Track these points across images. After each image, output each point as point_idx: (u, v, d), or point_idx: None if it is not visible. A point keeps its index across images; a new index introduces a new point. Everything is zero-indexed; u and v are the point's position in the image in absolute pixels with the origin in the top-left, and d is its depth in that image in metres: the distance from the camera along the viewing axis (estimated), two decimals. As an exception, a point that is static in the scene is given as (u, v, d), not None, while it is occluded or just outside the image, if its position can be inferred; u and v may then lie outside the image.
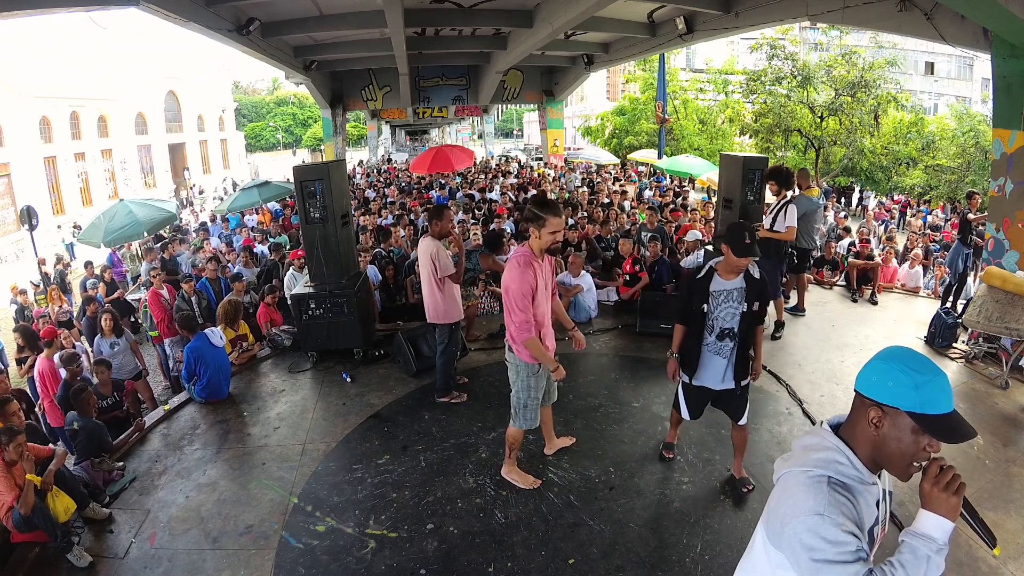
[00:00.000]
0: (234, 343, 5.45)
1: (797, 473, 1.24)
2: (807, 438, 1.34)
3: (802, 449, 1.31)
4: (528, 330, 3.03)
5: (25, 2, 5.89)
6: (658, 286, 6.39)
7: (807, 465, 1.24)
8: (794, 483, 1.23)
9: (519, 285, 2.97)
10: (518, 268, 2.99)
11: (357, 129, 42.20)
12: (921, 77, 29.85)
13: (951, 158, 17.48)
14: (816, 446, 1.28)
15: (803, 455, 1.28)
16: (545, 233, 2.98)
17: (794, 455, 1.32)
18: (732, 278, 3.02)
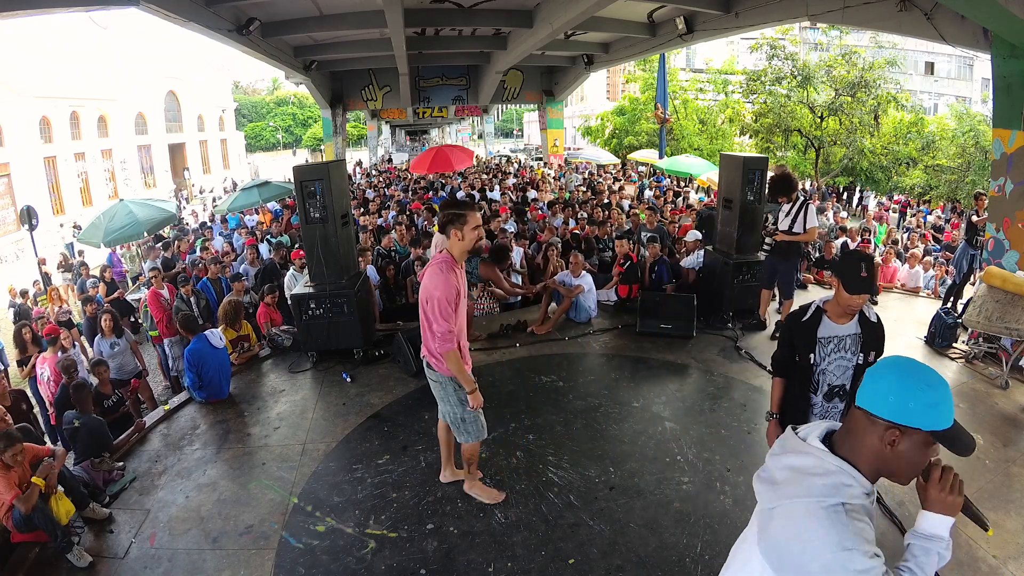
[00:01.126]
0: (235, 343, 5.45)
1: (806, 504, 1.14)
2: (795, 458, 1.22)
3: (795, 472, 1.20)
4: (450, 341, 2.80)
5: (25, 2, 5.89)
6: (658, 286, 6.39)
7: (814, 495, 1.14)
8: (805, 515, 1.13)
9: (444, 292, 2.76)
10: (441, 274, 2.79)
11: (357, 129, 42.19)
12: (921, 77, 29.84)
13: (951, 158, 17.47)
14: (815, 469, 1.18)
15: (801, 480, 1.18)
16: (468, 231, 2.82)
17: (786, 481, 1.20)
18: (845, 322, 2.42)
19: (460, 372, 2.89)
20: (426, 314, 2.84)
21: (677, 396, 4.60)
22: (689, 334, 5.59)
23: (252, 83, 69.83)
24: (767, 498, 1.23)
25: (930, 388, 1.14)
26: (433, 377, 3.01)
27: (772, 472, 1.25)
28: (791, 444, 1.27)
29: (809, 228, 5.13)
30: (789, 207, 5.20)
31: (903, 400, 1.14)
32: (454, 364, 2.86)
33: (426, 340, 2.92)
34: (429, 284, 2.83)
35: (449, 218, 2.85)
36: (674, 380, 4.88)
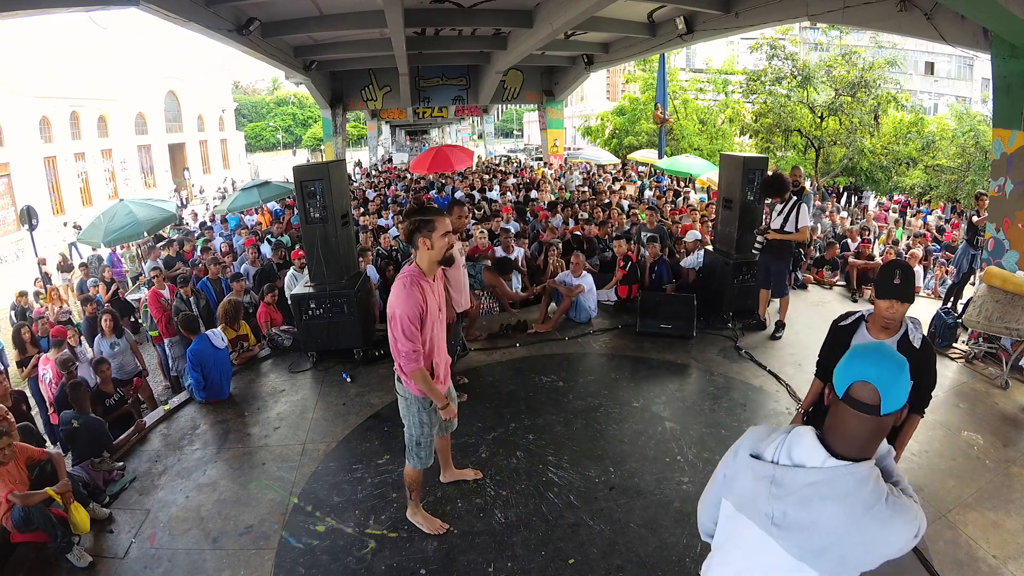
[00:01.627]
0: (235, 343, 5.46)
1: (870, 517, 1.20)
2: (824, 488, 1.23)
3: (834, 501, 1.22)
4: (415, 360, 2.65)
5: (25, 2, 5.89)
6: (658, 286, 6.39)
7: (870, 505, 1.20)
8: (874, 523, 1.20)
9: (405, 309, 2.59)
10: (404, 290, 2.62)
11: (357, 129, 42.20)
12: (921, 77, 29.84)
13: (951, 158, 17.47)
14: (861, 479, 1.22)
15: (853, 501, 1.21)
16: (436, 239, 2.63)
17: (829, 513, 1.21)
18: (883, 337, 2.28)
19: (430, 389, 2.75)
20: (391, 331, 2.66)
21: (677, 396, 4.60)
22: (689, 334, 5.59)
23: (252, 83, 69.86)
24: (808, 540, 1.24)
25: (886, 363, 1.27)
26: (400, 392, 2.87)
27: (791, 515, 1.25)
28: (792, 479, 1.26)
29: (801, 227, 5.14)
30: (781, 206, 5.21)
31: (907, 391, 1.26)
32: (422, 382, 2.71)
33: (394, 356, 2.73)
34: (392, 300, 2.65)
35: (415, 226, 2.64)
36: (674, 380, 4.88)
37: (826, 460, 1.24)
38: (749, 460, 1.35)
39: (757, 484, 1.31)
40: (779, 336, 5.57)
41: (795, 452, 1.28)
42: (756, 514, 1.31)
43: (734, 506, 1.39)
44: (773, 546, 1.29)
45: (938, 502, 3.25)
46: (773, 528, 1.28)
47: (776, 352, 5.34)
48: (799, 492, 1.24)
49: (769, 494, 1.28)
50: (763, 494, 1.29)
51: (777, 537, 1.27)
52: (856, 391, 1.25)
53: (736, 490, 1.38)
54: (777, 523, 1.27)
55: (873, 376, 1.24)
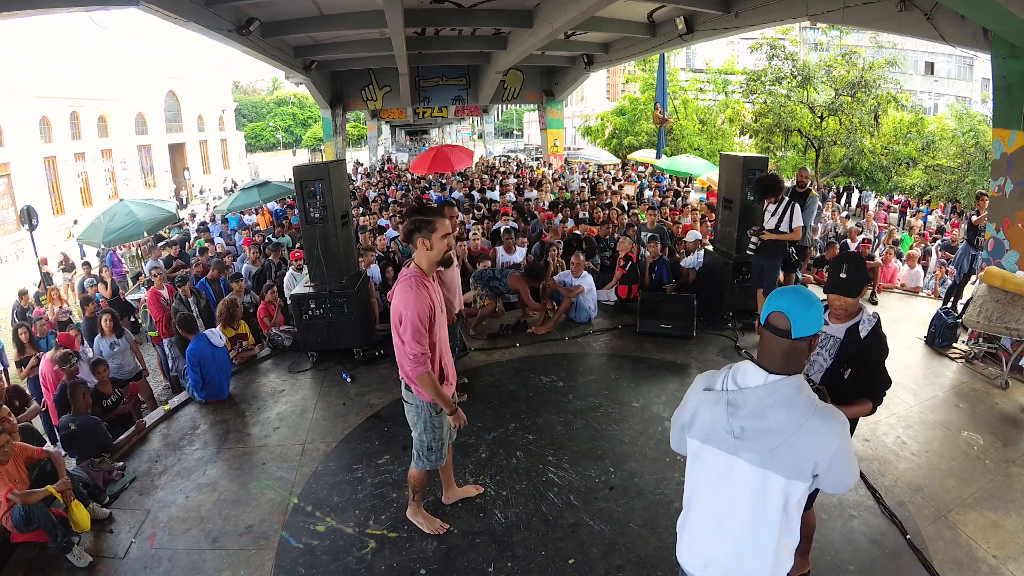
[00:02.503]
0: (233, 342, 5.46)
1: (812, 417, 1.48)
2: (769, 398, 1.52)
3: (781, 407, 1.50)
4: (424, 363, 2.58)
5: (25, 2, 5.88)
6: (658, 286, 6.39)
7: (811, 408, 1.50)
8: (821, 423, 1.48)
9: (416, 309, 2.53)
10: (411, 291, 2.56)
11: (357, 129, 42.21)
12: (921, 77, 29.85)
13: (951, 158, 17.47)
14: (796, 387, 1.52)
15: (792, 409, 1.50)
16: (436, 239, 2.59)
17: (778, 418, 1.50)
18: (836, 323, 2.38)
19: (437, 395, 2.69)
20: (399, 335, 2.60)
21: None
22: (689, 334, 5.59)
23: (252, 83, 69.87)
24: (770, 444, 1.50)
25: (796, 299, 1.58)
26: (408, 400, 2.80)
27: (749, 426, 1.52)
28: (743, 397, 1.55)
29: (795, 227, 5.14)
30: (775, 206, 5.21)
31: (816, 322, 1.57)
32: (430, 387, 2.65)
33: (400, 361, 2.66)
34: (399, 303, 2.58)
35: (415, 226, 2.59)
36: (674, 380, 4.88)
37: (767, 378, 1.54)
38: (704, 394, 1.63)
39: (715, 411, 1.58)
40: None
41: (739, 378, 1.58)
42: (719, 437, 1.57)
43: (699, 440, 1.63)
44: (738, 464, 1.54)
45: (938, 502, 3.25)
46: (736, 442, 1.54)
47: (776, 352, 5.33)
48: (751, 406, 1.53)
49: (727, 415, 1.56)
50: (722, 417, 1.57)
51: (740, 450, 1.54)
52: (773, 319, 1.57)
53: (698, 424, 1.64)
54: (738, 436, 1.54)
55: (785, 307, 1.55)
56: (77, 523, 3.15)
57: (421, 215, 2.62)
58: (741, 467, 1.54)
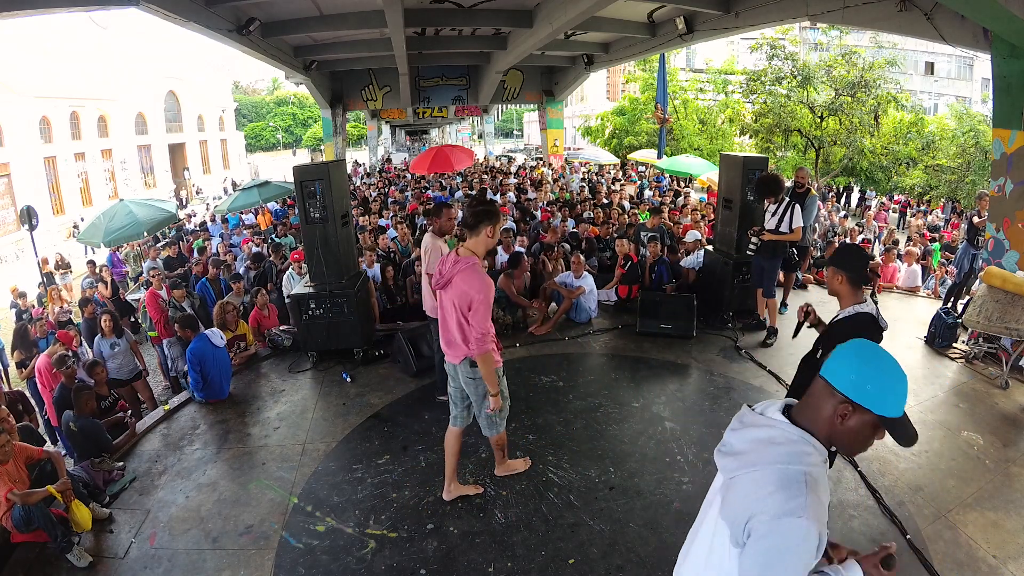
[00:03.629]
0: (231, 343, 5.45)
1: (770, 469, 1.22)
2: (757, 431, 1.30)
3: (758, 443, 1.28)
4: (487, 342, 2.84)
5: (25, 2, 5.88)
6: (658, 286, 6.39)
7: (778, 461, 1.23)
8: (767, 478, 1.21)
9: (486, 293, 2.77)
10: (478, 275, 2.78)
11: (357, 129, 42.20)
12: (921, 77, 29.84)
13: (951, 158, 17.46)
14: (777, 438, 1.26)
15: (764, 449, 1.26)
16: (498, 230, 2.91)
17: (749, 451, 1.28)
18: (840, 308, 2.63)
19: (490, 375, 2.92)
20: (463, 317, 2.82)
21: (677, 396, 4.60)
22: (689, 334, 5.58)
23: (252, 83, 69.84)
24: (729, 468, 1.31)
25: (888, 376, 1.24)
26: (473, 376, 2.98)
27: (733, 445, 1.34)
28: (750, 419, 1.36)
29: (795, 227, 5.14)
30: (775, 207, 5.21)
31: (863, 381, 1.23)
32: (487, 365, 2.88)
33: (454, 343, 2.91)
34: (465, 287, 2.78)
35: (485, 215, 2.86)
36: (674, 380, 4.88)
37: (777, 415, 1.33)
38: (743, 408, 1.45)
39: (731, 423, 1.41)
40: (771, 343, 5.51)
41: (768, 408, 1.38)
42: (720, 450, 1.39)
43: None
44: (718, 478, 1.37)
45: (938, 502, 3.25)
46: (717, 453, 1.37)
47: (776, 352, 5.34)
48: (746, 429, 1.34)
49: (730, 428, 1.39)
50: (729, 428, 1.40)
51: (718, 461, 1.36)
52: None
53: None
54: (723, 450, 1.36)
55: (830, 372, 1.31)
56: (77, 523, 3.15)
57: (490, 206, 2.89)
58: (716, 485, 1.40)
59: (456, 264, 2.84)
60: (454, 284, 2.84)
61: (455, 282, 2.83)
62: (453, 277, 2.84)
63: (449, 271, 2.86)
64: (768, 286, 5.47)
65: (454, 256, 2.89)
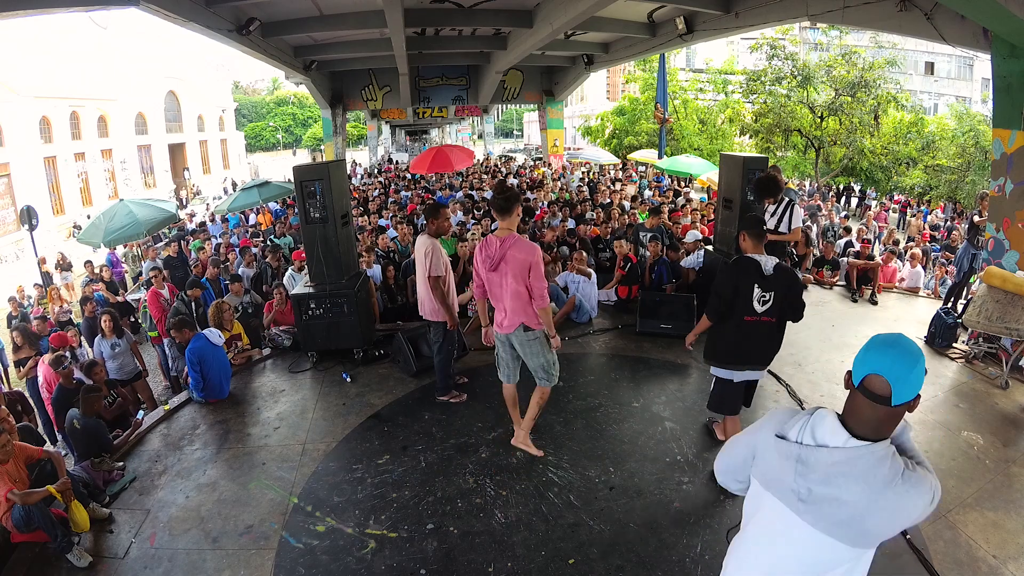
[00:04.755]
0: (228, 343, 5.45)
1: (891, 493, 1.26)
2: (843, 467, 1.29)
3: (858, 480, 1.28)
4: (547, 297, 3.38)
5: (25, 2, 5.88)
6: (658, 286, 6.39)
7: (892, 480, 1.26)
8: (898, 500, 1.27)
9: (540, 256, 3.33)
10: (529, 243, 3.35)
11: (357, 129, 42.21)
12: (921, 77, 29.85)
13: (951, 158, 17.48)
14: (880, 458, 1.28)
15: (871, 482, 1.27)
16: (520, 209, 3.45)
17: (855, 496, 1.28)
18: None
19: (550, 323, 3.45)
20: (524, 285, 3.30)
21: (677, 396, 4.59)
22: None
23: (252, 83, 69.86)
24: (840, 517, 1.30)
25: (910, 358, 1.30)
26: (530, 337, 3.44)
27: (818, 491, 1.32)
28: (815, 457, 1.33)
29: (794, 228, 5.14)
30: (774, 207, 5.21)
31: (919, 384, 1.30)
32: (548, 317, 3.40)
33: (509, 313, 3.38)
34: (522, 256, 3.27)
35: (513, 199, 3.35)
36: (674, 380, 4.88)
37: (847, 440, 1.30)
38: (776, 440, 1.40)
39: (783, 463, 1.37)
40: None
41: (818, 433, 1.35)
42: (783, 491, 1.37)
43: (761, 484, 1.45)
44: (798, 521, 1.36)
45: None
46: (800, 504, 1.34)
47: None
48: (823, 471, 1.30)
49: (796, 472, 1.34)
50: (789, 472, 1.35)
51: (803, 512, 1.34)
52: (870, 383, 1.29)
53: (762, 468, 1.45)
54: (803, 499, 1.33)
55: (886, 369, 1.28)
56: (77, 523, 3.15)
57: (514, 190, 3.44)
58: (801, 528, 1.36)
59: (504, 243, 3.30)
60: (509, 258, 3.29)
61: (510, 257, 3.29)
62: (506, 253, 3.30)
63: (499, 251, 3.31)
64: None
65: (496, 240, 3.34)
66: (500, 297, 3.42)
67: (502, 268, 3.33)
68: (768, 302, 3.21)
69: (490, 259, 3.37)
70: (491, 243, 3.38)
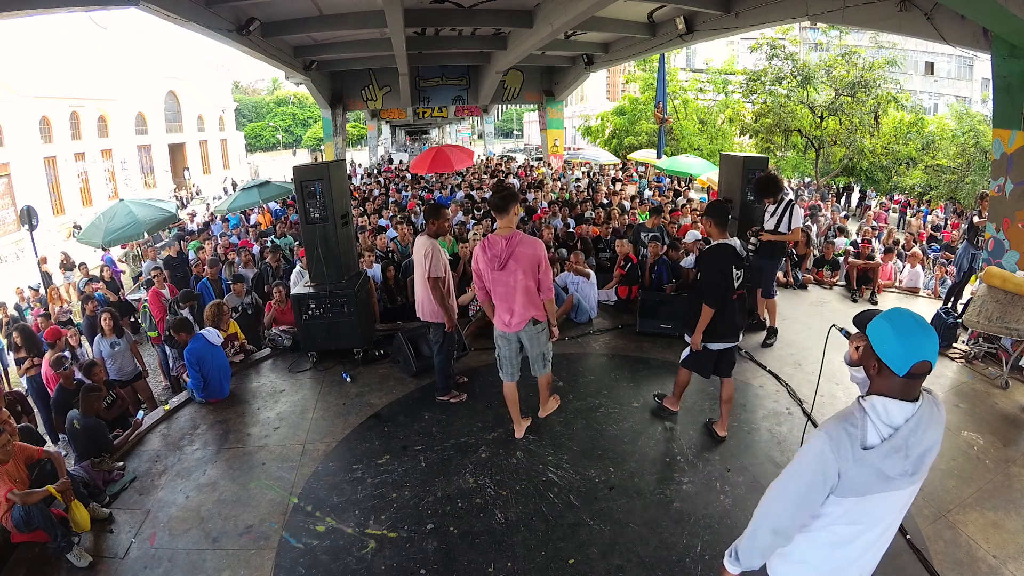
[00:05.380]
0: (225, 343, 5.44)
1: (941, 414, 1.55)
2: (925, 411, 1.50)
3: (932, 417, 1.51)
4: (553, 289, 3.57)
5: (25, 2, 5.88)
6: (658, 286, 6.39)
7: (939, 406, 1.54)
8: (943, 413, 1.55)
9: (545, 250, 3.47)
10: (534, 239, 3.45)
11: (357, 129, 42.20)
12: (921, 77, 29.85)
13: (951, 158, 17.47)
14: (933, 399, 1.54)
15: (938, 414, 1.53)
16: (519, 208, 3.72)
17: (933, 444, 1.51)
18: None
19: (553, 312, 3.65)
20: (535, 275, 3.42)
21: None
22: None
23: (252, 83, 69.85)
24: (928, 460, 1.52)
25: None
26: (539, 328, 3.59)
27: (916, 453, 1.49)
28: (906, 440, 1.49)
29: (794, 228, 5.15)
30: (774, 207, 5.21)
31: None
32: (552, 307, 3.59)
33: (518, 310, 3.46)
34: (531, 251, 3.37)
35: (511, 198, 3.40)
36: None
37: (913, 407, 1.48)
38: (864, 453, 1.48)
39: (886, 462, 1.47)
40: (771, 343, 5.50)
41: (888, 419, 1.48)
42: (891, 483, 1.48)
43: (857, 496, 1.51)
44: (902, 494, 1.53)
45: (938, 502, 3.25)
46: (910, 478, 1.50)
47: (776, 352, 5.35)
48: (916, 438, 1.48)
49: (899, 460, 1.47)
50: (897, 464, 1.47)
51: (914, 482, 1.52)
52: (920, 368, 1.44)
53: (855, 484, 1.50)
54: (912, 472, 1.49)
55: (932, 354, 1.44)
56: (77, 523, 3.15)
57: (511, 189, 3.54)
58: (903, 497, 1.55)
59: (510, 241, 3.36)
60: (518, 255, 3.35)
61: (519, 253, 3.35)
62: (514, 251, 3.35)
63: (506, 250, 3.37)
64: (767, 286, 5.47)
65: (500, 238, 3.38)
66: (508, 296, 3.46)
67: (511, 266, 3.37)
68: (741, 278, 3.65)
69: (497, 258, 3.39)
70: (496, 242, 3.40)
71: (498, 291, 3.49)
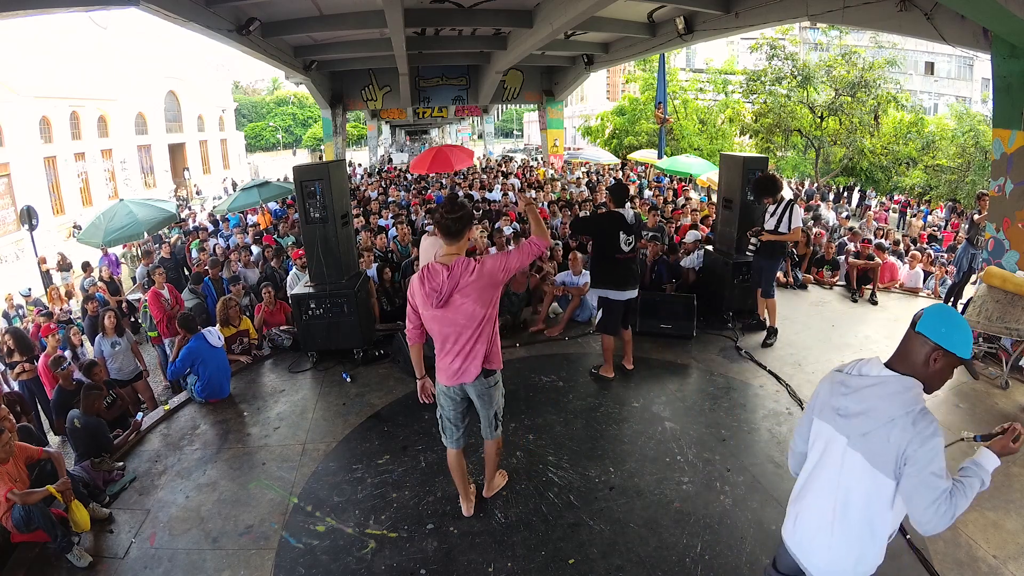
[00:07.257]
0: (234, 339, 5.46)
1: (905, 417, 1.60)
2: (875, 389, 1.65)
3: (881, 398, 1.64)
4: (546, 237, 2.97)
5: (25, 2, 5.88)
6: (658, 286, 6.39)
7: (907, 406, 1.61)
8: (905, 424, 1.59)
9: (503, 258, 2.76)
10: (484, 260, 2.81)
11: (357, 129, 42.19)
12: (921, 77, 29.85)
13: (951, 158, 17.48)
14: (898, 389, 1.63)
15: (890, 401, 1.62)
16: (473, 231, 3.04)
17: (875, 407, 1.64)
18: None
19: (538, 218, 2.99)
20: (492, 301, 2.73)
21: (677, 396, 4.60)
22: (689, 334, 5.58)
23: (252, 83, 69.86)
24: (863, 427, 1.66)
25: (968, 330, 1.64)
26: (492, 382, 2.89)
27: (851, 407, 1.69)
28: (856, 382, 1.71)
29: (794, 228, 5.15)
30: (774, 207, 5.21)
31: (953, 332, 1.61)
32: (543, 228, 2.93)
33: (469, 356, 2.75)
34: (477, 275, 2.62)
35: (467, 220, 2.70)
36: (674, 380, 4.88)
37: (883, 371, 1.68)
38: (831, 374, 1.81)
39: (832, 388, 1.77)
40: (771, 343, 5.50)
41: (864, 368, 1.72)
42: (828, 412, 1.75)
43: (816, 415, 1.82)
44: (837, 442, 1.72)
45: (938, 502, 3.25)
46: (838, 418, 1.72)
47: (776, 352, 5.35)
48: (859, 391, 1.69)
49: (839, 393, 1.74)
50: (835, 394, 1.75)
51: (839, 427, 1.71)
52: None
53: (815, 402, 1.84)
54: (841, 414, 1.72)
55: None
56: (77, 523, 3.15)
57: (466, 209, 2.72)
58: (838, 446, 1.72)
59: (452, 272, 2.61)
60: (464, 287, 2.62)
61: (463, 285, 2.62)
62: (458, 282, 2.62)
63: (447, 283, 2.60)
64: (767, 286, 5.47)
65: (443, 268, 2.62)
66: (452, 337, 2.72)
67: (456, 301, 2.64)
68: (631, 243, 4.35)
69: (436, 292, 2.61)
70: (436, 272, 2.62)
71: (438, 332, 2.75)
